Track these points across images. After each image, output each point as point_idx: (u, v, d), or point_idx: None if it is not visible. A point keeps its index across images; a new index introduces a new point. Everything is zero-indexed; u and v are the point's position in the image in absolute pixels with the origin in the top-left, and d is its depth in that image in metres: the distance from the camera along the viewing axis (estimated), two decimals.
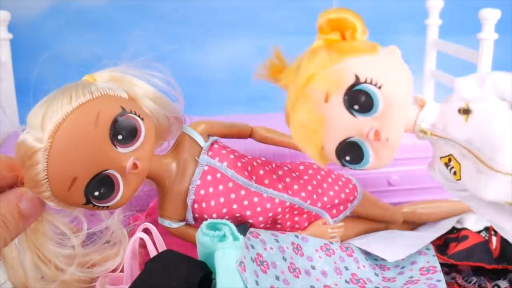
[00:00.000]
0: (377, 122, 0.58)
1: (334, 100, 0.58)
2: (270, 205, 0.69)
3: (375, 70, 0.57)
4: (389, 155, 0.60)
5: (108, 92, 0.59)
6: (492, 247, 0.76)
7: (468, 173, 0.59)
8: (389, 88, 0.56)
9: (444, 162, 0.61)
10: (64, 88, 0.58)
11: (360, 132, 0.58)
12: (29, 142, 0.56)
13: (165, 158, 0.67)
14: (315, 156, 0.62)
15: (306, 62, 0.59)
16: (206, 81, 1.26)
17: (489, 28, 0.86)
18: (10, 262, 0.60)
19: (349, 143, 0.60)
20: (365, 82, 0.56)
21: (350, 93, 0.57)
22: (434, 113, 0.60)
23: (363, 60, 0.58)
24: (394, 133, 0.58)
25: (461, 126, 0.58)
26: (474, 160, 0.57)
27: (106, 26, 1.20)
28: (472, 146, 0.57)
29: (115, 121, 0.58)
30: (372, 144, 0.59)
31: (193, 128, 0.69)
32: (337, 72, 0.57)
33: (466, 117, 0.57)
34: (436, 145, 0.62)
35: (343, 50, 0.58)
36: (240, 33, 1.26)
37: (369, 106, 0.57)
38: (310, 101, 0.58)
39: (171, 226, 0.68)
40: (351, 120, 0.58)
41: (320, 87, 0.57)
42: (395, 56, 0.59)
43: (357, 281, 0.68)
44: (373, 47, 0.59)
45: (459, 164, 0.59)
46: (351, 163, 0.61)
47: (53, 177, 0.56)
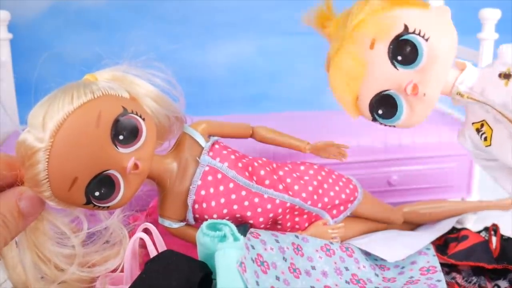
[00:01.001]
0: (417, 76, 0.58)
1: (379, 47, 0.58)
2: (271, 206, 0.69)
3: (424, 23, 0.58)
4: (424, 112, 0.60)
5: (110, 92, 0.59)
6: (492, 247, 0.76)
7: (499, 138, 0.59)
8: (436, 42, 0.57)
9: (476, 128, 0.62)
10: (65, 87, 0.58)
11: (399, 85, 0.59)
12: (29, 142, 0.56)
13: (165, 158, 0.67)
14: (349, 105, 0.62)
15: (357, 8, 0.60)
16: (206, 81, 1.26)
17: (489, 28, 0.86)
18: (10, 261, 0.60)
19: (385, 96, 0.60)
20: (413, 33, 0.57)
21: (396, 42, 0.58)
22: (473, 77, 0.60)
23: (413, 12, 0.58)
24: (433, 89, 0.59)
25: (499, 90, 0.58)
26: (507, 124, 0.58)
27: (106, 26, 1.20)
28: (507, 110, 0.57)
29: (116, 121, 0.57)
30: (408, 99, 0.59)
31: (194, 128, 0.69)
32: (387, 19, 0.58)
33: (507, 82, 0.58)
34: (470, 110, 0.62)
35: (395, 0, 0.59)
36: (240, 33, 1.26)
37: (413, 58, 0.58)
38: (356, 46, 0.59)
39: (172, 226, 0.68)
40: (391, 71, 0.59)
41: (368, 31, 0.58)
42: (445, 15, 0.60)
43: (357, 282, 0.68)
44: (425, 3, 0.60)
45: (491, 130, 0.60)
46: (383, 117, 0.61)
47: (53, 177, 0.56)
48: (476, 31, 0.88)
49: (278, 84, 1.25)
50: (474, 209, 0.85)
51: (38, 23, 1.19)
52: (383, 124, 0.63)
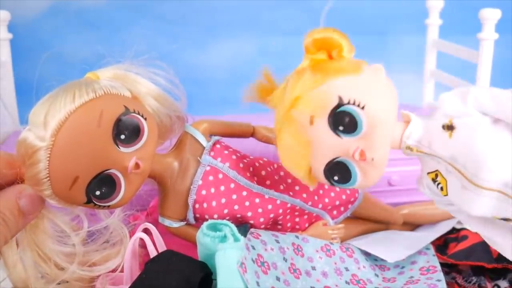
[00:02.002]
0: (362, 142, 0.58)
1: (319, 122, 0.58)
2: (272, 206, 0.69)
3: (358, 91, 0.57)
4: (377, 174, 0.60)
5: (112, 91, 0.59)
6: (491, 247, 0.76)
7: (454, 189, 0.59)
8: (372, 108, 0.57)
9: (431, 178, 0.61)
10: (67, 86, 0.58)
11: (346, 152, 0.58)
12: (30, 140, 0.56)
13: (166, 157, 0.67)
14: (304, 178, 0.62)
15: (291, 85, 0.59)
16: (206, 81, 1.26)
17: (489, 28, 0.86)
18: (10, 260, 0.60)
19: (337, 163, 0.60)
20: (348, 103, 0.57)
21: (334, 115, 0.57)
22: (419, 130, 0.60)
23: (346, 81, 0.58)
24: (380, 153, 0.58)
25: (445, 143, 0.58)
26: (459, 176, 0.57)
27: (106, 26, 1.20)
28: (456, 163, 0.57)
29: (118, 121, 0.57)
30: (359, 164, 0.59)
31: (195, 128, 0.69)
32: (321, 94, 0.57)
33: (450, 133, 0.57)
34: (423, 161, 0.62)
35: (328, 70, 0.58)
36: (240, 33, 1.26)
37: (354, 127, 0.57)
38: (296, 125, 0.59)
39: (172, 226, 0.68)
40: (337, 141, 0.58)
41: (304, 110, 0.58)
42: (378, 75, 0.59)
43: (357, 282, 0.68)
44: (358, 66, 0.59)
45: (446, 180, 0.59)
46: (340, 182, 0.61)
47: (54, 175, 0.56)
48: (476, 31, 0.88)
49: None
50: None
51: (38, 23, 1.19)
52: (342, 188, 0.64)
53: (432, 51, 1.07)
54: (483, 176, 0.55)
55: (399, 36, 1.21)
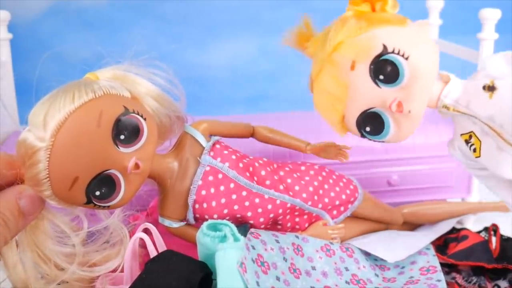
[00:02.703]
0: (401, 93, 0.58)
1: (360, 68, 0.58)
2: (271, 206, 0.69)
3: (403, 41, 0.57)
4: (410, 128, 0.60)
5: (111, 91, 0.59)
6: (491, 247, 0.76)
7: (488, 150, 0.59)
8: (415, 60, 0.57)
9: (464, 139, 0.62)
10: (67, 86, 0.58)
11: (383, 103, 0.59)
12: (30, 141, 0.56)
13: (166, 157, 0.67)
14: (335, 124, 0.63)
15: (334, 30, 0.59)
16: (207, 81, 1.26)
17: (489, 28, 0.86)
18: (10, 260, 0.60)
19: (371, 114, 0.60)
20: (393, 52, 0.57)
21: (377, 63, 0.58)
22: (458, 89, 0.60)
23: (391, 31, 0.58)
24: (417, 105, 0.58)
25: (484, 103, 0.58)
26: (495, 137, 0.58)
27: (106, 26, 1.20)
28: (494, 123, 0.57)
29: (117, 121, 0.57)
30: (394, 116, 0.59)
31: (195, 128, 0.69)
32: (365, 40, 0.58)
33: (491, 94, 0.58)
34: (458, 122, 0.62)
35: (373, 20, 0.59)
36: (240, 33, 1.26)
37: (395, 77, 0.58)
38: (337, 68, 0.59)
39: (172, 226, 0.68)
40: (375, 90, 0.59)
41: (347, 54, 0.58)
42: (424, 30, 0.60)
43: (357, 282, 0.68)
44: (403, 19, 0.60)
45: (480, 141, 0.60)
46: (371, 133, 0.62)
47: (54, 176, 0.56)
48: (476, 31, 0.88)
49: (278, 84, 1.25)
50: (474, 210, 0.85)
51: (38, 23, 1.19)
52: (372, 140, 0.63)
53: None
54: None
55: None
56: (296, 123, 0.77)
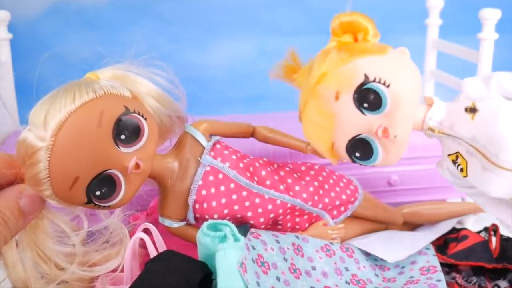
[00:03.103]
0: (385, 120, 0.60)
1: (344, 98, 0.60)
2: (272, 207, 0.69)
3: (384, 70, 0.59)
4: (398, 152, 0.62)
5: (112, 91, 0.59)
6: (491, 247, 0.76)
7: (474, 170, 0.60)
8: (397, 87, 0.59)
9: (451, 160, 0.63)
10: (67, 86, 0.58)
11: (370, 129, 0.60)
12: (30, 141, 0.55)
13: (167, 157, 0.67)
14: (326, 153, 0.64)
15: (318, 62, 0.61)
16: (206, 81, 1.26)
17: (489, 28, 0.86)
18: (10, 260, 0.60)
19: (359, 140, 0.62)
20: (374, 81, 0.59)
21: (360, 92, 0.59)
22: (442, 112, 0.62)
23: (372, 60, 0.60)
24: (402, 130, 0.60)
25: (467, 124, 0.59)
26: (479, 157, 0.59)
27: (106, 26, 1.20)
28: (477, 144, 0.58)
29: (118, 121, 0.57)
30: (381, 141, 0.61)
31: (195, 128, 0.69)
32: (347, 71, 0.60)
33: (473, 116, 0.59)
34: (444, 143, 0.63)
35: (354, 50, 0.61)
36: (239, 33, 1.26)
37: (378, 104, 0.59)
38: (321, 99, 0.61)
39: (172, 226, 0.68)
40: (360, 117, 0.60)
41: (331, 85, 0.60)
42: (404, 57, 0.61)
43: (357, 282, 0.68)
44: (383, 48, 0.61)
45: (466, 161, 0.61)
46: (361, 159, 0.63)
47: (54, 176, 0.56)
48: (476, 31, 0.88)
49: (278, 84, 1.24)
50: (474, 210, 0.85)
51: (38, 23, 1.19)
52: (363, 165, 0.65)
53: (432, 51, 1.07)
54: (504, 157, 0.57)
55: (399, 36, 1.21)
56: (296, 123, 0.76)
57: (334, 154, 0.65)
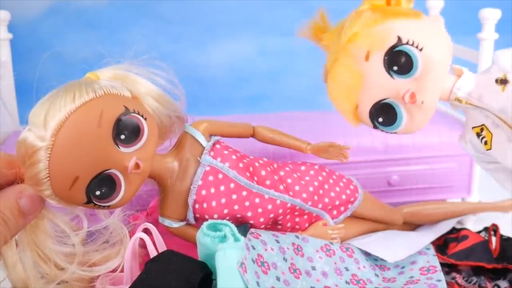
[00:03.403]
0: (414, 85, 0.59)
1: (374, 59, 0.60)
2: (272, 206, 0.69)
3: (417, 33, 0.59)
4: (423, 119, 0.62)
5: (112, 91, 0.59)
6: (491, 247, 0.76)
7: (499, 142, 0.60)
8: (429, 51, 0.58)
9: (476, 132, 0.63)
10: (67, 86, 0.58)
11: (396, 94, 0.60)
12: (30, 140, 0.55)
13: (166, 157, 0.67)
14: (349, 114, 0.64)
15: (350, 21, 0.61)
16: (206, 81, 1.26)
17: (489, 28, 0.86)
18: (10, 260, 0.60)
19: (384, 105, 0.61)
20: (407, 44, 0.58)
21: (391, 54, 0.59)
22: (471, 83, 0.61)
23: (406, 23, 0.60)
24: (430, 97, 0.60)
25: (497, 95, 0.59)
26: (506, 129, 0.59)
27: (106, 26, 1.20)
28: (506, 115, 0.58)
29: (118, 121, 0.57)
30: (407, 107, 0.61)
31: (195, 128, 0.69)
32: (380, 31, 0.59)
33: (503, 87, 0.59)
34: (470, 115, 0.63)
35: (388, 12, 0.60)
36: (240, 33, 1.26)
37: (408, 68, 0.59)
38: (351, 58, 0.60)
39: (172, 226, 0.68)
40: (388, 81, 0.60)
41: (362, 44, 0.60)
42: (438, 24, 0.62)
43: (357, 282, 0.68)
44: (417, 13, 0.61)
45: (491, 134, 0.61)
46: (384, 124, 0.63)
47: (54, 175, 0.56)
48: (476, 31, 0.88)
49: (278, 84, 1.25)
50: (474, 210, 0.85)
51: (38, 23, 1.19)
52: (384, 131, 0.65)
53: None
54: None
55: None
56: (296, 123, 0.77)
57: (356, 117, 0.64)
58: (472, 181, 0.91)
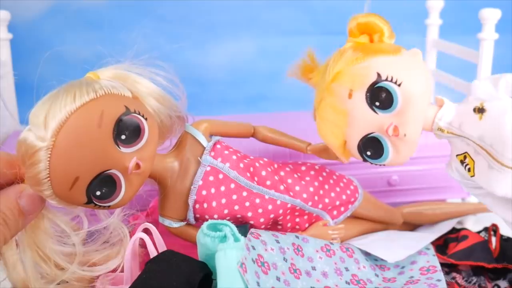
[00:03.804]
0: (396, 119, 0.61)
1: (357, 96, 0.62)
2: (272, 207, 0.69)
3: (396, 69, 0.61)
4: (408, 151, 0.64)
5: (112, 91, 0.59)
6: (491, 247, 0.76)
7: (481, 169, 0.61)
8: (408, 86, 0.60)
9: (460, 160, 0.64)
10: (68, 86, 0.58)
11: (381, 128, 0.62)
12: (31, 141, 0.55)
13: (167, 157, 0.67)
14: (338, 150, 0.66)
15: (333, 60, 0.63)
16: (206, 81, 1.26)
17: (489, 28, 0.86)
18: (10, 260, 0.60)
19: (370, 139, 0.63)
20: (386, 80, 0.60)
21: (372, 90, 0.61)
22: (451, 113, 0.63)
23: (385, 60, 0.62)
24: (412, 129, 0.62)
25: (475, 124, 0.61)
26: (486, 156, 0.60)
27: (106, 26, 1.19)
28: (484, 143, 0.60)
29: (119, 121, 0.57)
30: (392, 140, 0.63)
31: (195, 128, 0.69)
32: (361, 70, 0.61)
33: (481, 116, 0.60)
34: (453, 144, 0.65)
35: (368, 50, 0.63)
36: (240, 33, 1.26)
37: (389, 103, 0.61)
38: (335, 97, 0.63)
39: (172, 226, 0.68)
40: (372, 116, 0.62)
41: (344, 83, 0.62)
42: (416, 58, 0.63)
43: (357, 282, 0.68)
44: (397, 49, 0.63)
45: (473, 161, 0.62)
46: (372, 157, 0.65)
47: (55, 176, 0.56)
48: (476, 31, 0.88)
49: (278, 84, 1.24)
50: (473, 211, 0.85)
51: (38, 23, 1.19)
52: (373, 164, 0.66)
53: (432, 51, 1.07)
54: (510, 155, 0.58)
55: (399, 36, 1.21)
56: (296, 123, 0.77)
57: (346, 152, 0.67)
58: None
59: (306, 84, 0.69)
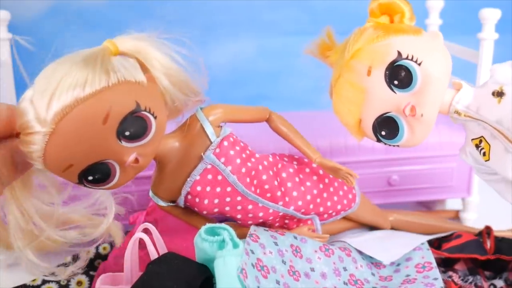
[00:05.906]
0: (414, 98, 0.61)
1: (376, 73, 0.62)
2: (263, 214, 0.69)
3: (417, 49, 0.61)
4: (423, 132, 0.64)
5: (126, 78, 0.56)
6: (486, 247, 0.77)
7: (496, 153, 0.62)
8: (428, 66, 0.61)
9: (475, 144, 0.64)
10: (85, 59, 0.55)
11: (397, 107, 0.62)
12: (29, 119, 0.54)
13: (171, 139, 0.65)
14: (353, 128, 0.66)
15: (353, 38, 0.64)
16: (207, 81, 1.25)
17: (489, 28, 0.86)
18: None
19: (386, 118, 0.63)
20: (406, 58, 0.61)
21: (392, 68, 0.61)
22: (469, 96, 0.64)
23: (406, 39, 0.62)
24: (429, 110, 0.62)
25: (493, 108, 0.61)
26: (503, 140, 0.60)
27: (106, 26, 1.19)
28: (502, 126, 0.60)
29: (126, 118, 0.56)
30: (408, 120, 0.63)
31: (206, 114, 0.66)
32: (381, 47, 0.62)
33: (499, 99, 0.61)
34: (468, 127, 0.65)
35: (389, 29, 0.63)
36: (240, 33, 1.25)
37: (408, 82, 0.61)
38: (354, 74, 0.63)
39: (159, 203, 0.68)
40: (390, 95, 0.62)
41: (364, 60, 0.62)
42: (437, 40, 0.64)
43: (355, 282, 0.68)
44: (418, 30, 0.64)
45: (489, 145, 0.62)
46: (386, 138, 0.65)
47: (48, 159, 0.55)
48: (476, 31, 0.87)
49: (278, 84, 1.24)
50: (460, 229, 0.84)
51: (38, 23, 1.18)
52: (387, 144, 0.66)
53: None
54: None
55: None
56: (296, 123, 0.77)
57: (360, 131, 0.66)
58: (472, 181, 0.91)
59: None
